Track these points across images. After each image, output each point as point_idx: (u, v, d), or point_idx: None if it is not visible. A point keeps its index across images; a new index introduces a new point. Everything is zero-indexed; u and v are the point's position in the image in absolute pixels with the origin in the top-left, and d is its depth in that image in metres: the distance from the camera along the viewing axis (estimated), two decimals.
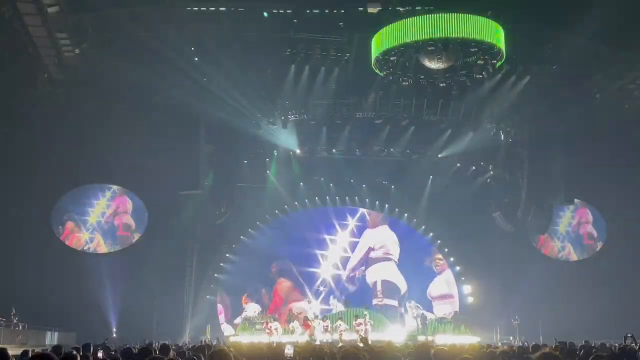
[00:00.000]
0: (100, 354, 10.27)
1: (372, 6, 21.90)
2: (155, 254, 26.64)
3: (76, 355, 6.91)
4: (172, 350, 9.76)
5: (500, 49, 19.43)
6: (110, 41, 23.00)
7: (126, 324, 25.54)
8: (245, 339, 23.43)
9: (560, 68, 24.76)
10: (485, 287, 29.96)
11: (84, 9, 21.80)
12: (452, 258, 31.21)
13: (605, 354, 8.67)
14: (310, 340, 21.99)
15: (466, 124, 27.85)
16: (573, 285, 28.24)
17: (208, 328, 26.69)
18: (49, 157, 25.69)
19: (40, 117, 25.30)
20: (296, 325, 25.96)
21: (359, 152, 30.01)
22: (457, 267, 31.11)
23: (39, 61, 23.44)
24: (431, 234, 31.56)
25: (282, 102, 26.77)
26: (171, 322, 26.53)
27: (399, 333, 26.02)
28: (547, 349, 7.39)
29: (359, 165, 30.52)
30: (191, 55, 23.97)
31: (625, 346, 12.22)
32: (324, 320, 25.89)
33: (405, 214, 31.65)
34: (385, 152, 29.88)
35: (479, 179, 30.77)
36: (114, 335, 24.92)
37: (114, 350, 11.27)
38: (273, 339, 22.64)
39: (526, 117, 27.62)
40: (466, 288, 30.84)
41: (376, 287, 30.57)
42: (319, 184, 30.99)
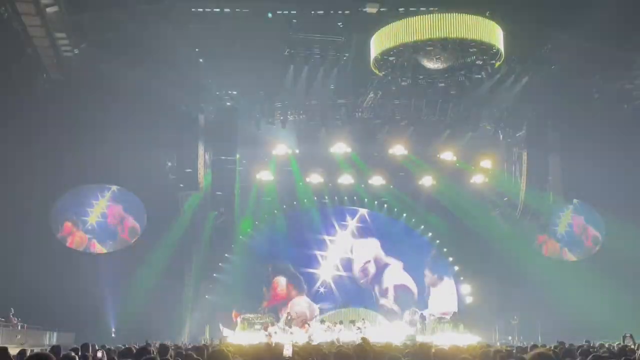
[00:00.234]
0: (99, 354, 10.25)
1: (371, 6, 21.90)
2: (154, 254, 26.62)
3: (74, 357, 6.90)
4: (171, 350, 9.74)
5: (499, 49, 19.36)
6: (110, 41, 22.94)
7: (125, 324, 25.53)
8: (244, 339, 23.39)
9: (560, 68, 24.75)
10: (484, 287, 29.94)
11: (83, 9, 21.75)
12: (451, 258, 31.23)
13: (604, 354, 8.68)
14: (309, 341, 21.97)
15: (465, 124, 27.86)
16: (572, 286, 28.19)
17: (207, 328, 26.68)
18: (48, 157, 25.65)
19: (39, 117, 25.27)
20: (295, 327, 25.91)
21: (358, 152, 29.98)
22: (456, 267, 31.13)
23: (38, 61, 23.43)
24: (430, 233, 31.60)
25: (282, 102, 26.79)
26: (170, 322, 26.52)
27: (398, 334, 25.98)
28: (543, 348, 7.38)
29: (359, 165, 30.46)
30: (191, 55, 23.95)
31: (624, 346, 12.25)
32: (322, 322, 25.87)
33: (405, 214, 31.66)
34: (384, 152, 29.84)
35: (479, 178, 30.79)
36: (113, 335, 24.91)
37: (113, 351, 11.25)
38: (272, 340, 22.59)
39: (525, 117, 27.61)
40: (465, 288, 30.87)
41: (388, 291, 30.45)
42: (319, 184, 31.01)
